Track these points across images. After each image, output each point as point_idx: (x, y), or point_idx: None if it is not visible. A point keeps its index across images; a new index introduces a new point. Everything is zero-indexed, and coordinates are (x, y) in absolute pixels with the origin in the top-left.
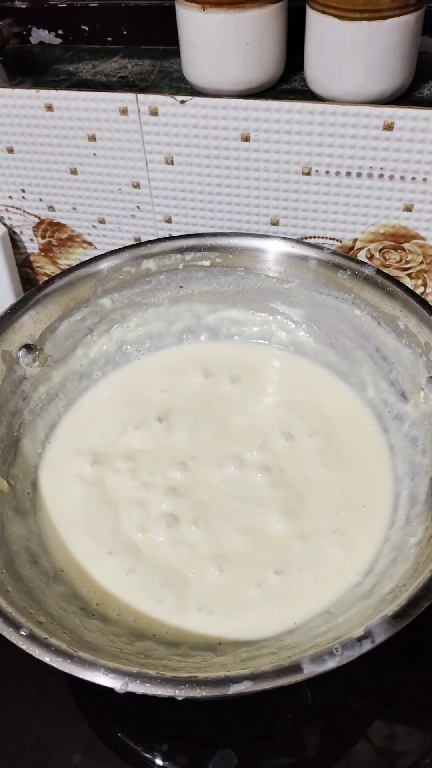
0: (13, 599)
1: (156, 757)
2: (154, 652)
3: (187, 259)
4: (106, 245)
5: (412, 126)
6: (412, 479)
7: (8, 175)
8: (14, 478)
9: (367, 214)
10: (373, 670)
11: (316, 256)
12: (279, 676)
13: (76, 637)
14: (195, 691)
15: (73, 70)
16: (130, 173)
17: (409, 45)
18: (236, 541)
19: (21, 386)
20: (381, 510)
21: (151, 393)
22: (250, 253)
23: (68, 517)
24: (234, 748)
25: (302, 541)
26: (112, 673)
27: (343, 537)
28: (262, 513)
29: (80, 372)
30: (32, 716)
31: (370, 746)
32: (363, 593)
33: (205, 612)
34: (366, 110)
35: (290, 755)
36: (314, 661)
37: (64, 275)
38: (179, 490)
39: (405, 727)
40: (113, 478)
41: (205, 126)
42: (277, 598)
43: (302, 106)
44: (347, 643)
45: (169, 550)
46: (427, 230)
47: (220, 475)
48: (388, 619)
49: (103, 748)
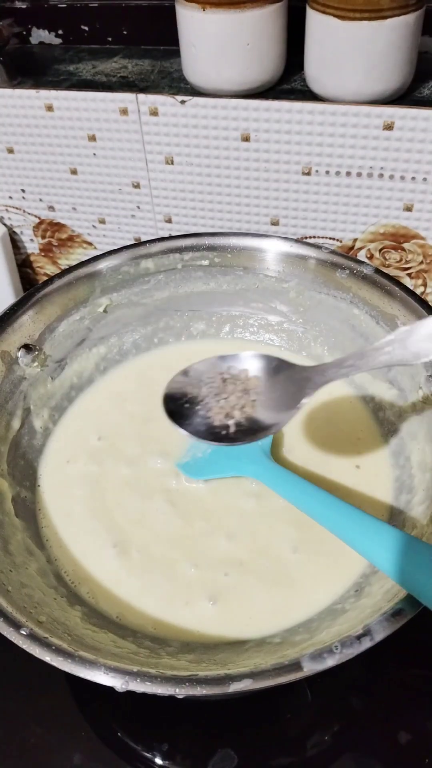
0: (13, 599)
1: (156, 756)
2: (154, 651)
3: (186, 259)
4: (106, 245)
5: (412, 126)
6: (409, 476)
7: (8, 175)
8: (14, 478)
9: (367, 213)
10: (372, 669)
11: (314, 255)
12: (279, 674)
13: (76, 636)
14: (195, 690)
15: (73, 70)
16: (130, 173)
17: (409, 45)
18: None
19: (20, 386)
20: (380, 507)
21: (150, 392)
22: (249, 252)
23: (68, 517)
24: (234, 747)
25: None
26: (112, 672)
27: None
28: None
29: (79, 371)
30: (32, 716)
31: (370, 746)
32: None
33: (207, 611)
34: (366, 110)
35: (290, 755)
36: (314, 659)
37: (63, 275)
38: (180, 490)
39: (405, 727)
40: (113, 478)
41: (205, 126)
42: (279, 596)
43: (302, 106)
44: (347, 641)
45: (170, 550)
46: (427, 230)
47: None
48: (387, 617)
49: (103, 747)
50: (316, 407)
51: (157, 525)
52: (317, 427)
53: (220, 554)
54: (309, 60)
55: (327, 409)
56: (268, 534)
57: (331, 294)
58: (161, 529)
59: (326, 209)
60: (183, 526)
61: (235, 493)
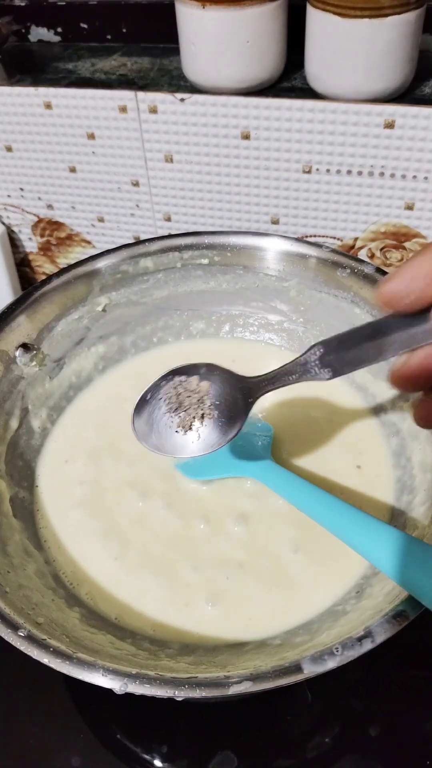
0: (11, 600)
1: (155, 758)
2: (153, 653)
3: (186, 258)
4: (105, 244)
5: (413, 124)
6: (410, 476)
7: (7, 173)
8: (12, 478)
9: (368, 212)
10: (373, 671)
11: (315, 254)
12: (279, 676)
13: (75, 638)
14: (195, 692)
15: (72, 68)
16: (129, 171)
17: (409, 43)
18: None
19: (18, 386)
20: (381, 508)
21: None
22: (249, 251)
23: (67, 517)
24: (234, 749)
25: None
26: (111, 674)
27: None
28: (265, 514)
29: (78, 371)
30: (31, 718)
31: (370, 746)
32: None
33: (207, 612)
34: (367, 108)
35: (290, 756)
36: (314, 662)
37: (62, 274)
38: (179, 490)
39: (405, 727)
40: (112, 478)
41: (205, 124)
42: (279, 598)
43: (302, 104)
44: (347, 643)
45: (169, 551)
46: (428, 229)
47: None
48: (388, 618)
49: (102, 749)
50: (317, 407)
51: (156, 526)
52: (318, 427)
53: (219, 555)
54: (309, 58)
55: (327, 409)
56: (267, 535)
57: (331, 293)
58: (160, 530)
59: (327, 208)
60: (182, 527)
61: (235, 494)
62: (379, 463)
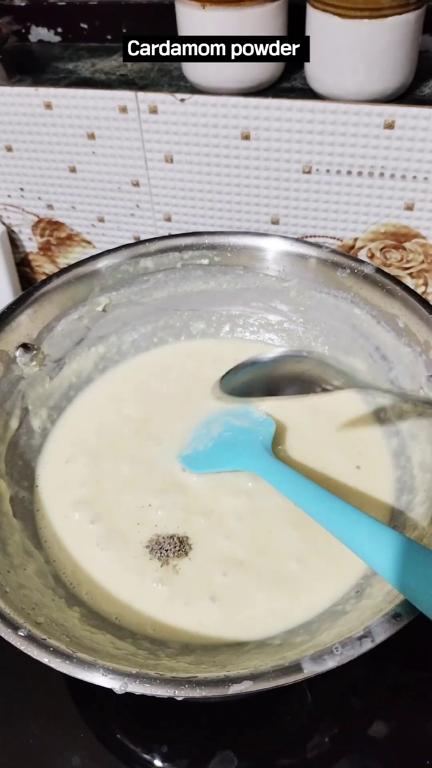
0: (11, 600)
1: (155, 758)
2: (153, 652)
3: (186, 258)
4: (105, 244)
5: (413, 125)
6: (410, 476)
7: (7, 173)
8: (12, 478)
9: (368, 213)
10: (373, 670)
11: (315, 254)
12: (279, 676)
13: (75, 638)
14: (195, 692)
15: (73, 68)
16: (129, 172)
17: (409, 43)
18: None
19: (18, 386)
20: (381, 508)
21: (149, 391)
22: (249, 251)
23: (67, 517)
24: (234, 749)
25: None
26: (111, 673)
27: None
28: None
29: (78, 371)
30: (31, 718)
31: (370, 746)
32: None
33: (207, 612)
34: (366, 109)
35: (290, 756)
36: (314, 661)
37: (62, 274)
38: (179, 490)
39: (405, 727)
40: (112, 478)
41: (205, 124)
42: (279, 597)
43: (302, 104)
44: (347, 643)
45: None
46: (428, 229)
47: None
48: (388, 618)
49: (102, 749)
50: (317, 407)
51: (156, 525)
52: (318, 426)
53: (219, 555)
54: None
55: (328, 408)
56: (268, 534)
57: (331, 293)
58: (160, 530)
59: (327, 208)
60: (182, 526)
61: (236, 494)
62: (378, 464)
